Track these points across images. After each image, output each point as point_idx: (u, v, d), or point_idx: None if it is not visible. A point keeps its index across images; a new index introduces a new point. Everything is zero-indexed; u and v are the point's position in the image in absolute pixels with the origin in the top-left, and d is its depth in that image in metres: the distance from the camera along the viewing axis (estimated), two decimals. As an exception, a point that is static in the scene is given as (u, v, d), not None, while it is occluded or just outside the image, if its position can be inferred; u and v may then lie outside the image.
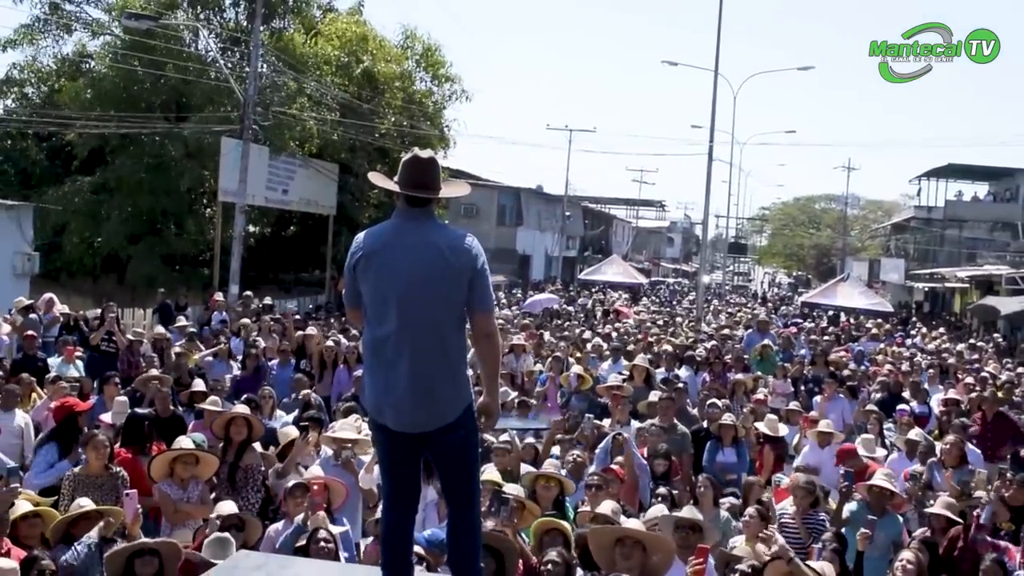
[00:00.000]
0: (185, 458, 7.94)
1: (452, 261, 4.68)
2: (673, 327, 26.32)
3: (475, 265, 4.74)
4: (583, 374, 14.12)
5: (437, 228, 4.87)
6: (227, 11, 32.85)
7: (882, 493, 8.44)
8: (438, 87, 36.10)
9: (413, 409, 4.71)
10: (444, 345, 4.74)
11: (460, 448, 4.93)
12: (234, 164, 25.54)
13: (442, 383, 4.75)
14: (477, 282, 4.74)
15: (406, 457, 4.97)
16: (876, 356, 21.81)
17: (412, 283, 4.64)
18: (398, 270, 4.66)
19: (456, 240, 4.77)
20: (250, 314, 19.54)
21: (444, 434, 4.80)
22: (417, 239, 4.72)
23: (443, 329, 4.72)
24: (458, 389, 4.84)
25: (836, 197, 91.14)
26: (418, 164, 4.85)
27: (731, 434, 10.97)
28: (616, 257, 51.02)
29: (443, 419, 4.77)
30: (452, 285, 4.69)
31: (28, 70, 33.16)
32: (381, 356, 4.75)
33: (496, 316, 5.13)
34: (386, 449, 5.00)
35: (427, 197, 4.86)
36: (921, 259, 56.14)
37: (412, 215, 4.83)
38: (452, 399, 4.81)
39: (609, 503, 7.32)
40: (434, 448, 4.91)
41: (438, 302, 4.68)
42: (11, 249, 22.83)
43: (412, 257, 4.67)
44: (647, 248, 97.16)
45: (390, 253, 4.72)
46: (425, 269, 4.65)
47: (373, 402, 4.86)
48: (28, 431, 10.32)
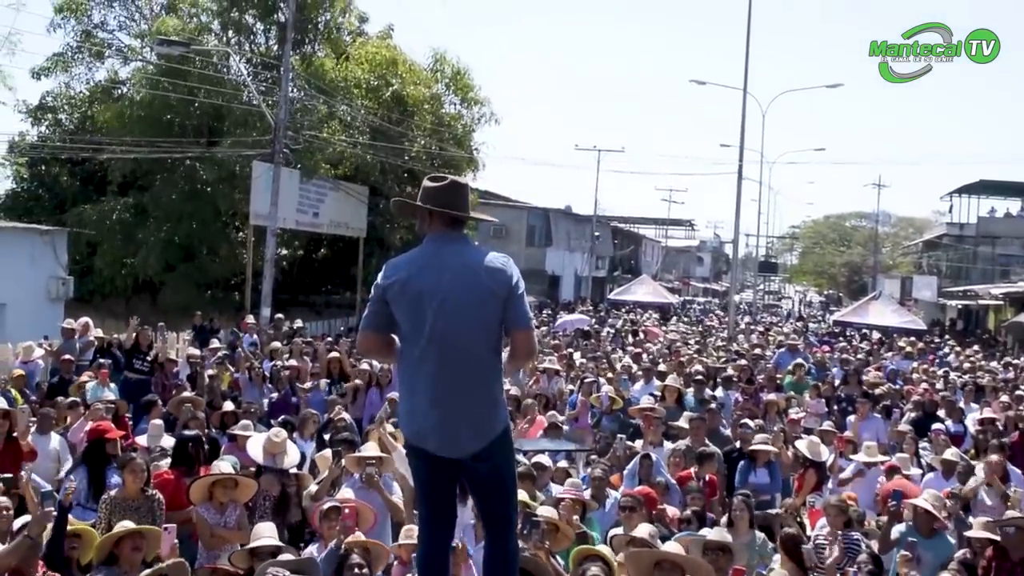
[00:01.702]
0: (224, 482, 7.96)
1: (489, 282, 4.67)
2: (704, 347, 26.20)
3: (511, 284, 4.71)
4: (614, 395, 14.07)
5: (473, 250, 4.86)
6: (258, 37, 33.22)
7: (928, 513, 8.32)
8: (467, 110, 36.28)
9: (455, 433, 4.70)
10: (484, 367, 4.74)
11: (499, 470, 4.93)
12: (265, 187, 25.70)
13: (482, 406, 4.76)
14: (514, 301, 4.71)
15: (444, 481, 4.95)
16: (910, 375, 21.62)
17: (451, 306, 4.62)
18: (437, 293, 4.63)
19: (492, 261, 4.74)
20: (281, 337, 19.61)
21: (483, 457, 4.79)
22: (455, 262, 4.71)
23: (482, 351, 4.70)
24: (497, 411, 4.85)
25: (867, 214, 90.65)
26: (457, 187, 4.87)
27: (765, 455, 10.90)
28: (646, 277, 50.92)
29: (483, 441, 4.76)
30: (490, 306, 4.67)
31: (61, 97, 33.62)
32: (420, 380, 4.73)
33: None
34: (424, 474, 4.97)
35: (464, 216, 4.90)
36: (954, 276, 55.64)
37: (448, 238, 4.82)
38: (492, 421, 4.81)
39: (646, 526, 7.28)
40: (472, 471, 4.89)
41: (477, 324, 4.67)
42: (46, 274, 23.13)
43: (451, 280, 4.65)
44: (677, 267, 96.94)
45: (428, 277, 4.68)
46: (464, 291, 4.64)
47: (413, 427, 4.86)
48: (64, 454, 10.39)
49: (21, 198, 34.06)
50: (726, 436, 12.45)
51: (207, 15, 31.74)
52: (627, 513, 8.03)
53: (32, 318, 20.79)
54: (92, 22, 32.93)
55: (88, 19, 32.68)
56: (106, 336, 16.82)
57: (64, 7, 31.69)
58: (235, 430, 10.35)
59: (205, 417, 11.41)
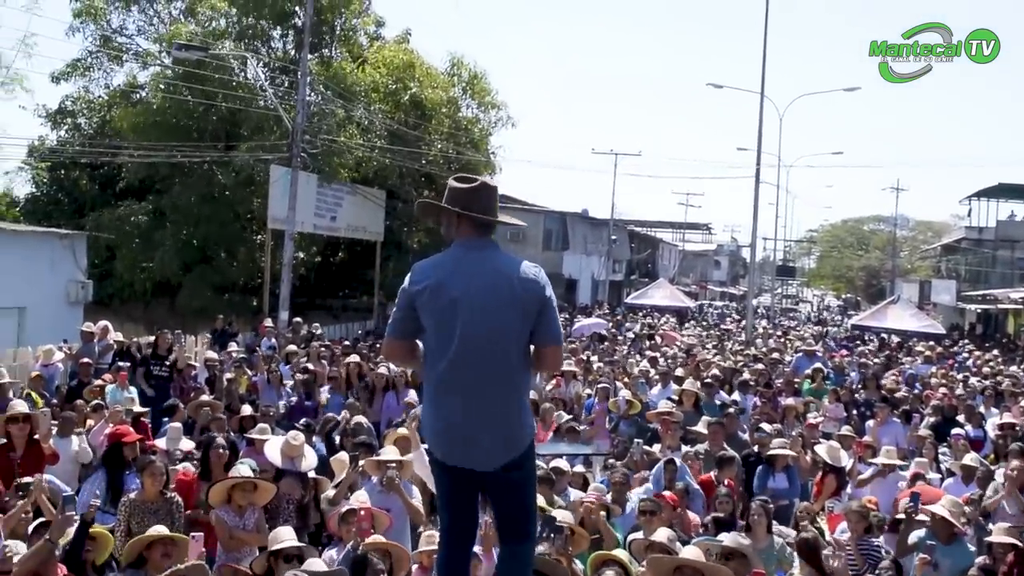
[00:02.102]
0: (243, 485, 7.97)
1: (521, 292, 4.51)
2: (722, 350, 26.15)
3: (544, 296, 4.57)
4: (632, 399, 14.04)
5: (504, 257, 4.66)
6: (275, 41, 33.31)
7: (946, 520, 8.27)
8: (484, 113, 36.37)
9: (487, 444, 4.57)
10: (514, 377, 4.60)
11: (523, 483, 4.83)
12: (283, 191, 25.79)
13: (514, 416, 4.64)
14: (546, 313, 4.58)
15: (469, 492, 4.85)
16: (928, 379, 21.51)
17: (483, 313, 4.46)
18: (467, 301, 4.47)
19: (525, 270, 4.57)
20: (299, 340, 19.65)
21: (510, 470, 4.66)
22: (486, 268, 4.55)
23: (513, 360, 4.55)
24: (527, 421, 4.75)
25: (885, 218, 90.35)
26: (488, 190, 4.72)
27: (783, 460, 10.86)
28: (663, 281, 50.81)
29: (515, 453, 4.65)
30: (521, 316, 4.52)
31: (80, 101, 33.80)
32: (450, 390, 4.56)
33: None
34: (449, 484, 4.85)
35: (495, 221, 4.72)
36: (973, 280, 55.43)
37: (480, 244, 4.65)
38: (522, 432, 4.70)
39: (664, 531, 7.26)
40: (498, 483, 4.75)
41: (509, 333, 4.52)
42: (65, 277, 23.24)
43: (482, 287, 4.49)
44: (694, 271, 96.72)
45: (458, 283, 4.51)
46: (496, 299, 4.48)
47: (441, 438, 4.70)
48: (84, 457, 10.43)
49: (41, 202, 34.31)
50: (744, 440, 12.42)
51: (224, 20, 31.85)
52: (647, 517, 8.02)
53: (52, 322, 20.89)
54: (111, 27, 33.12)
55: (107, 24, 32.87)
56: (125, 340, 16.89)
57: (83, 12, 31.85)
58: (253, 434, 10.37)
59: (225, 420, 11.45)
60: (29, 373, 14.41)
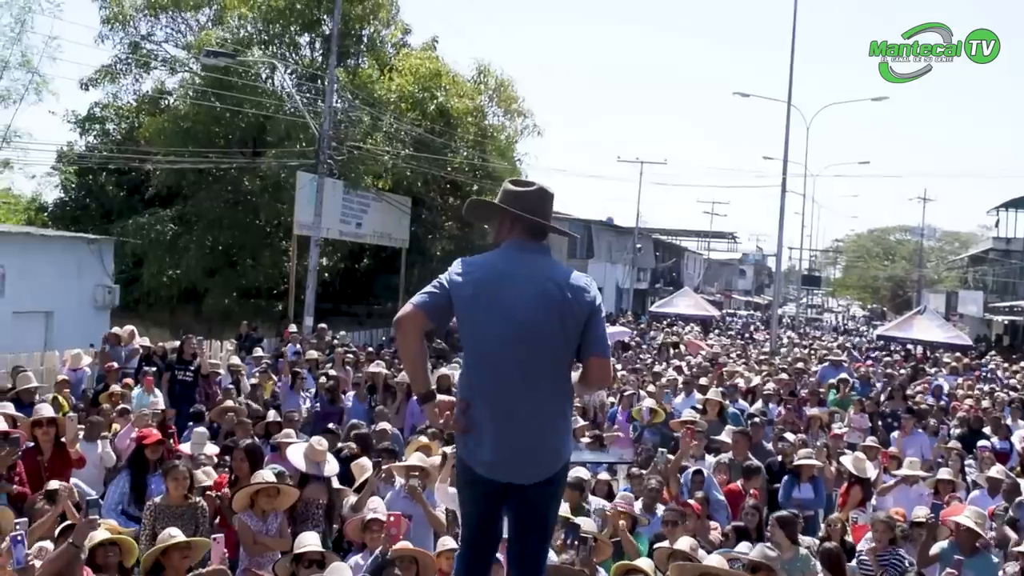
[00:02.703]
0: (267, 490, 8.00)
1: (572, 301, 4.35)
2: (746, 360, 26.07)
3: (594, 306, 4.41)
4: (656, 408, 13.99)
5: (554, 264, 4.49)
6: (303, 49, 33.45)
7: (970, 531, 8.21)
8: (510, 121, 36.40)
9: (528, 457, 4.39)
10: (560, 388, 4.44)
11: (550, 503, 4.66)
12: (309, 198, 25.88)
13: (556, 431, 4.48)
14: (595, 324, 4.41)
15: (496, 507, 4.64)
16: (955, 391, 21.37)
17: (531, 321, 4.29)
18: (512, 306, 4.30)
19: (576, 279, 4.42)
20: (324, 346, 19.69)
21: (545, 485, 4.49)
22: (537, 274, 4.37)
23: (559, 371, 4.41)
24: (564, 440, 4.56)
25: (911, 228, 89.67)
26: (547, 195, 4.56)
27: (809, 470, 10.82)
28: (687, 289, 50.70)
29: (551, 470, 4.48)
30: (569, 326, 4.34)
31: (109, 108, 34.09)
32: (495, 399, 4.36)
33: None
34: (478, 499, 4.63)
35: (550, 227, 4.58)
36: (1000, 291, 55.02)
37: (532, 248, 4.49)
38: (564, 447, 4.54)
39: (687, 539, 7.25)
40: (523, 500, 4.53)
41: (557, 342, 4.34)
42: (93, 282, 23.43)
43: (528, 292, 4.31)
44: (719, 280, 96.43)
45: (503, 286, 4.34)
46: (545, 306, 4.30)
47: (480, 449, 4.45)
48: (109, 461, 10.49)
49: (69, 207, 34.59)
50: (768, 450, 12.37)
51: (252, 27, 32.03)
52: (669, 527, 8.00)
53: (79, 326, 21.06)
54: (139, 34, 33.37)
55: (135, 31, 33.12)
56: (151, 344, 16.98)
57: (112, 19, 32.10)
58: (278, 438, 10.40)
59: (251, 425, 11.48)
60: (56, 377, 14.53)
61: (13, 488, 8.39)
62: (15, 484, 8.47)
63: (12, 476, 8.52)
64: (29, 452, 9.08)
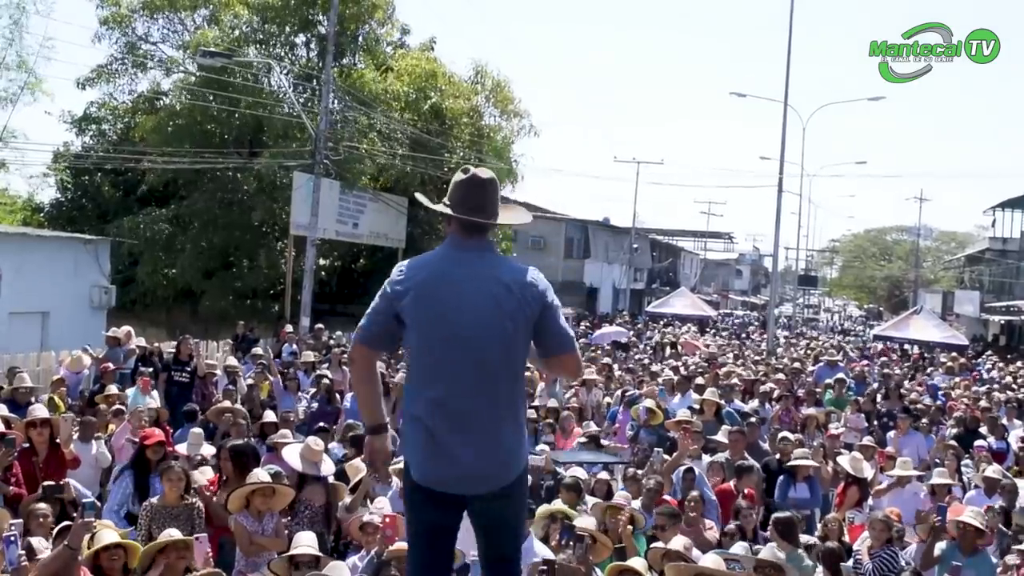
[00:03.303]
0: (262, 491, 7.98)
1: (519, 299, 4.05)
2: (743, 360, 26.06)
3: (544, 301, 4.11)
4: (653, 408, 13.94)
5: (497, 260, 4.20)
6: (299, 49, 33.46)
7: (967, 530, 8.19)
8: (506, 122, 36.39)
9: (480, 467, 4.11)
10: (509, 394, 4.15)
11: (513, 508, 4.39)
12: (306, 198, 25.85)
13: (507, 438, 4.17)
14: (550, 320, 4.13)
15: (447, 523, 4.36)
16: (951, 391, 21.38)
17: (474, 325, 4.01)
18: (457, 310, 4.03)
19: (520, 274, 4.12)
20: (320, 347, 19.67)
21: (499, 497, 4.21)
22: (476, 273, 4.09)
23: (508, 375, 4.12)
24: (520, 444, 4.28)
25: (908, 228, 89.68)
26: (477, 184, 4.26)
27: (804, 470, 10.82)
28: (684, 289, 50.70)
29: (504, 479, 4.19)
30: (519, 326, 4.06)
31: (105, 108, 34.07)
32: (438, 409, 4.10)
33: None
34: (427, 513, 4.33)
35: (486, 223, 4.23)
36: (997, 291, 55.09)
37: (469, 245, 4.19)
38: (519, 454, 4.26)
39: (681, 539, 7.25)
40: (486, 510, 4.28)
41: (504, 346, 4.05)
42: (89, 283, 23.39)
43: (472, 295, 4.04)
44: (715, 280, 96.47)
45: (445, 290, 4.07)
46: (488, 309, 4.02)
47: (426, 460, 4.19)
48: (104, 461, 10.47)
49: (65, 208, 34.59)
50: (764, 450, 12.36)
51: (248, 26, 32.01)
52: (661, 528, 8.00)
53: (75, 326, 21.04)
54: (136, 34, 33.35)
55: (132, 31, 33.11)
56: (147, 345, 16.95)
57: (109, 19, 32.10)
58: (275, 439, 10.40)
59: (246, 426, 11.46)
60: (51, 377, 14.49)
61: (9, 489, 8.40)
62: (11, 485, 8.47)
63: (8, 477, 8.52)
64: (24, 453, 9.07)
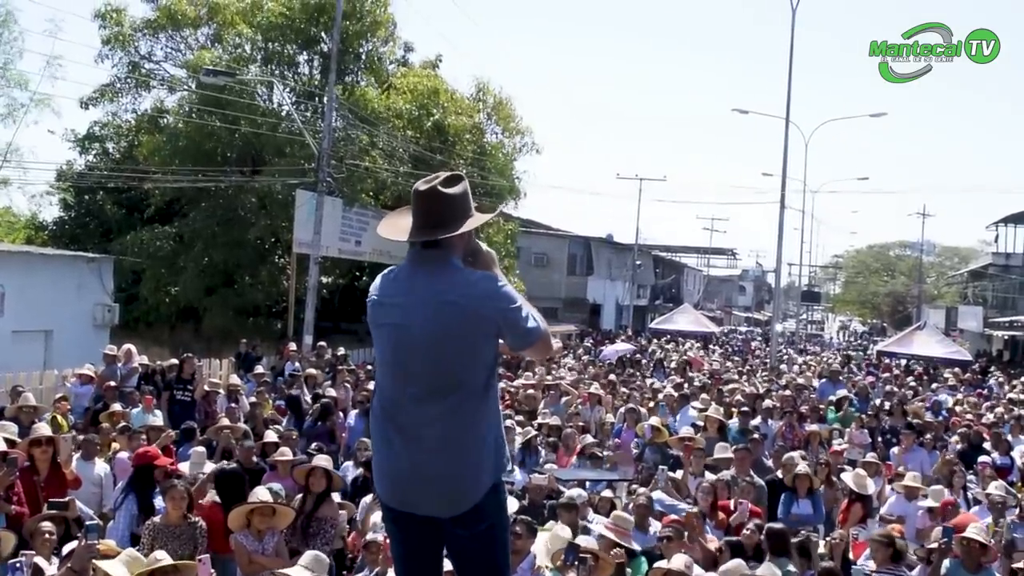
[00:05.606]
0: (262, 509, 7.98)
1: (470, 310, 3.86)
2: (747, 376, 26.02)
3: (501, 307, 3.90)
4: (659, 426, 13.89)
5: (448, 274, 3.96)
6: (301, 67, 33.51)
7: (971, 547, 8.14)
8: (509, 139, 36.41)
9: (431, 490, 3.94)
10: (468, 412, 3.94)
11: (484, 543, 4.09)
12: (308, 216, 25.87)
13: (463, 459, 3.94)
14: (511, 321, 3.91)
15: (425, 548, 4.17)
16: (954, 407, 21.30)
17: (427, 342, 3.87)
18: (410, 327, 3.90)
19: (469, 286, 3.91)
20: (323, 364, 19.67)
21: (465, 524, 3.99)
22: (428, 289, 3.92)
23: (466, 392, 3.91)
24: (481, 467, 4.00)
25: (911, 244, 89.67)
26: (418, 199, 4.13)
27: (806, 485, 10.78)
28: (687, 306, 50.65)
29: (461, 505, 3.95)
30: (476, 339, 3.90)
31: (108, 127, 34.16)
32: (394, 425, 3.99)
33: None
34: (400, 537, 4.20)
35: (429, 239, 4.03)
36: (1000, 307, 55.00)
37: (422, 259, 4.04)
38: (474, 479, 3.98)
39: (682, 557, 7.22)
40: (452, 541, 4.11)
41: (460, 361, 3.90)
42: (92, 300, 23.41)
43: (424, 311, 3.88)
44: (718, 296, 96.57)
45: (401, 306, 3.97)
46: (441, 324, 3.85)
47: (387, 480, 4.09)
48: (107, 481, 10.46)
49: (68, 226, 34.62)
50: (768, 466, 12.34)
51: (251, 45, 32.09)
52: (665, 542, 7.98)
53: (78, 345, 21.03)
54: (139, 53, 33.44)
55: (135, 50, 33.19)
56: (150, 363, 16.96)
57: (112, 39, 32.17)
58: (276, 457, 10.40)
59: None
60: (55, 395, 14.50)
61: (12, 508, 8.39)
62: (13, 504, 8.46)
63: (11, 496, 8.51)
64: (25, 472, 9.03)
